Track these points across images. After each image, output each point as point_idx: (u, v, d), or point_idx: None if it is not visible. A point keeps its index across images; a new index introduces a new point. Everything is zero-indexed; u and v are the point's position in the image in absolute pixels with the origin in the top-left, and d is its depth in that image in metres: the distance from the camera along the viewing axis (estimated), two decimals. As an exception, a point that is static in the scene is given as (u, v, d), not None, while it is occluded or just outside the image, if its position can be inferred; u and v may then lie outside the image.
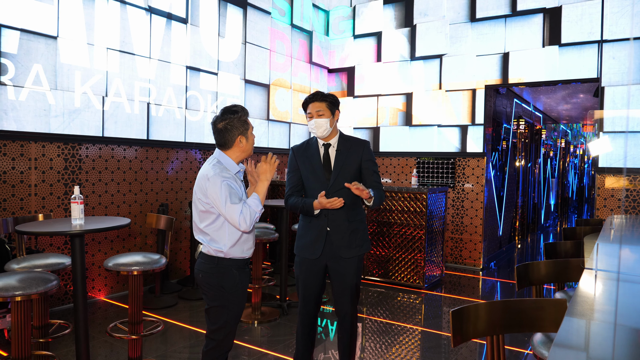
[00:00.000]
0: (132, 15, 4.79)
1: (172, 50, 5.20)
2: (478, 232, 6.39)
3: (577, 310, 1.43)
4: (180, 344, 3.65)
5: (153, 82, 5.01)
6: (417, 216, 5.24)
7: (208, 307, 2.38)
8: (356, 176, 2.71)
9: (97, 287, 4.70)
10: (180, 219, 5.44)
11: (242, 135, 2.38)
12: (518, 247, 8.32)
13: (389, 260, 5.43)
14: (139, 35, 4.86)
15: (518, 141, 8.58)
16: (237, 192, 2.30)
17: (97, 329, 3.90)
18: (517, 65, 5.98)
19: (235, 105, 2.42)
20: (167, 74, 5.15)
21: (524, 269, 2.19)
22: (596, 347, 1.21)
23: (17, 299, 2.44)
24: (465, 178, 6.45)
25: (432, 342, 3.84)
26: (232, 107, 2.40)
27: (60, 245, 4.36)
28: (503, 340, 1.57)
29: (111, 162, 4.74)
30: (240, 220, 2.25)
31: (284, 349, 3.58)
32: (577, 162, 16.68)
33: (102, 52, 4.54)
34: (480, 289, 5.60)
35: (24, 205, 4.12)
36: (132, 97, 4.82)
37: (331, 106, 2.68)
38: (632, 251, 2.61)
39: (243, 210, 2.26)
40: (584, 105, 9.31)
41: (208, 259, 2.36)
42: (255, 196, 2.37)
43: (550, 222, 11.79)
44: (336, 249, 2.66)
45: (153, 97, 5.02)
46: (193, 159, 5.55)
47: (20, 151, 4.08)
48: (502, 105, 7.31)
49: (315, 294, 2.74)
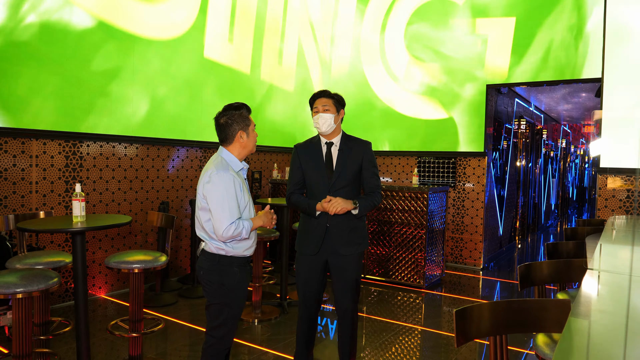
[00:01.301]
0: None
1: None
2: (478, 231, 6.38)
3: (581, 310, 1.43)
4: (181, 342, 3.65)
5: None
6: (418, 215, 5.24)
7: (209, 304, 2.39)
8: (357, 176, 2.73)
9: (97, 284, 4.69)
10: (181, 217, 5.44)
11: (243, 131, 2.40)
12: (518, 247, 8.32)
13: (390, 260, 5.43)
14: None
15: (519, 141, 8.57)
16: (237, 203, 2.30)
17: (98, 326, 3.90)
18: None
19: (237, 102, 2.44)
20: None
21: (526, 269, 2.18)
22: (601, 348, 1.21)
23: (18, 296, 2.44)
24: (466, 177, 6.45)
25: (432, 341, 3.84)
26: (234, 104, 2.44)
27: (61, 243, 4.36)
28: (506, 340, 1.57)
29: (112, 160, 4.73)
30: (227, 228, 2.25)
31: (284, 348, 3.58)
32: (578, 162, 16.67)
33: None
34: (480, 289, 5.59)
35: (25, 202, 4.11)
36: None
37: (337, 104, 2.72)
38: (634, 251, 2.61)
39: (236, 223, 2.27)
40: (586, 106, 9.30)
41: (210, 256, 2.36)
42: (250, 223, 2.36)
43: (550, 222, 11.79)
44: (335, 245, 2.67)
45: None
46: (194, 157, 5.55)
47: (22, 148, 4.07)
48: (504, 104, 7.30)
49: (315, 292, 2.75)
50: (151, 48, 4.98)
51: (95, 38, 4.48)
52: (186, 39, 5.34)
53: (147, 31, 4.93)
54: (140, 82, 4.89)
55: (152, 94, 5.02)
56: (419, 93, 6.71)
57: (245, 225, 2.31)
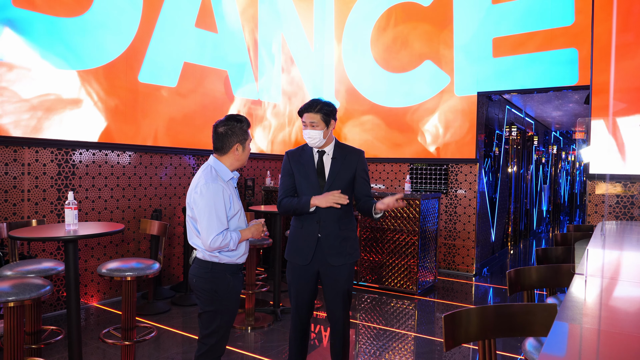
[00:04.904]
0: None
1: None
2: (471, 238, 6.42)
3: (567, 314, 1.45)
4: (173, 350, 3.64)
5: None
6: (411, 222, 5.27)
7: (201, 311, 2.39)
8: (350, 185, 2.73)
9: (90, 293, 4.67)
10: (174, 225, 5.43)
11: (240, 144, 2.42)
12: (510, 253, 8.37)
13: (383, 266, 5.45)
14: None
15: (510, 147, 8.65)
16: (225, 214, 2.31)
17: (90, 335, 3.88)
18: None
19: (240, 115, 2.46)
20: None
21: (516, 274, 2.21)
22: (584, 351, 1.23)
23: (9, 304, 2.43)
24: (458, 184, 6.50)
25: (425, 347, 3.86)
26: (237, 115, 2.45)
27: (53, 251, 4.34)
28: (495, 344, 1.59)
29: (105, 168, 4.73)
30: (214, 239, 2.26)
31: (277, 355, 3.58)
32: (569, 168, 16.82)
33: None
34: (473, 295, 5.62)
35: (17, 210, 4.10)
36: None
37: (326, 118, 2.65)
38: (621, 256, 2.65)
39: (224, 234, 2.28)
40: (575, 112, 9.41)
41: (202, 263, 2.37)
42: (238, 234, 2.37)
43: (542, 228, 11.87)
44: (327, 255, 2.66)
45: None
46: (187, 165, 5.55)
47: (14, 156, 4.07)
48: (494, 112, 7.38)
49: (307, 300, 2.75)
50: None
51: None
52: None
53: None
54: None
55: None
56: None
57: (233, 237, 2.33)
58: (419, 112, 6.73)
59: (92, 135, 4.55)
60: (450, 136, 6.48)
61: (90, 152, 4.59)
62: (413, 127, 6.77)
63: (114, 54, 4.70)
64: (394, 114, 6.95)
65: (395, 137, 6.93)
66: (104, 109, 4.64)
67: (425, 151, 6.69)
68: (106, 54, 4.63)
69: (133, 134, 4.90)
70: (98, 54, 4.57)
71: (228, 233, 2.31)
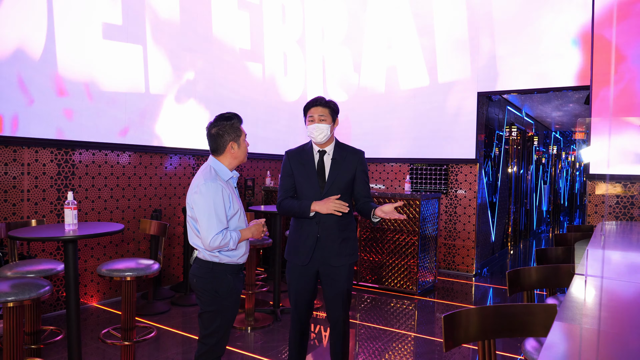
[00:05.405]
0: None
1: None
2: (471, 238, 6.42)
3: (566, 315, 1.45)
4: (173, 350, 3.64)
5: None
6: (411, 222, 5.27)
7: (201, 311, 2.39)
8: (349, 185, 2.72)
9: (89, 293, 4.67)
10: (174, 225, 5.43)
11: (234, 142, 2.41)
12: (510, 253, 8.37)
13: (382, 266, 5.45)
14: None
15: (510, 148, 8.65)
16: (224, 214, 2.31)
17: (90, 335, 3.88)
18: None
19: (229, 112, 2.45)
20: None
21: (515, 274, 2.21)
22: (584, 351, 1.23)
23: (9, 304, 2.43)
24: (458, 184, 6.49)
25: (425, 347, 3.85)
26: (225, 114, 2.43)
27: (53, 251, 4.34)
28: (494, 345, 1.59)
29: (104, 168, 4.73)
30: (213, 238, 2.25)
31: (277, 355, 3.58)
32: (569, 168, 16.82)
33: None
34: (473, 295, 5.62)
35: (17, 210, 4.10)
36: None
37: (333, 113, 2.68)
38: (621, 257, 2.65)
39: (223, 233, 2.28)
40: (575, 113, 9.41)
41: (203, 264, 2.37)
42: (238, 234, 2.37)
43: (542, 228, 11.87)
44: (326, 256, 2.66)
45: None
46: (187, 165, 5.55)
47: (13, 156, 4.06)
48: (494, 112, 7.37)
49: (307, 300, 2.75)
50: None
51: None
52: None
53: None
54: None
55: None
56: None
57: (233, 236, 2.32)
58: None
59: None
60: (450, 136, 6.47)
61: (90, 152, 4.59)
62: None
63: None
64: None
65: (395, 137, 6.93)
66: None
67: (425, 151, 6.69)
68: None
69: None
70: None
71: (228, 232, 2.31)
